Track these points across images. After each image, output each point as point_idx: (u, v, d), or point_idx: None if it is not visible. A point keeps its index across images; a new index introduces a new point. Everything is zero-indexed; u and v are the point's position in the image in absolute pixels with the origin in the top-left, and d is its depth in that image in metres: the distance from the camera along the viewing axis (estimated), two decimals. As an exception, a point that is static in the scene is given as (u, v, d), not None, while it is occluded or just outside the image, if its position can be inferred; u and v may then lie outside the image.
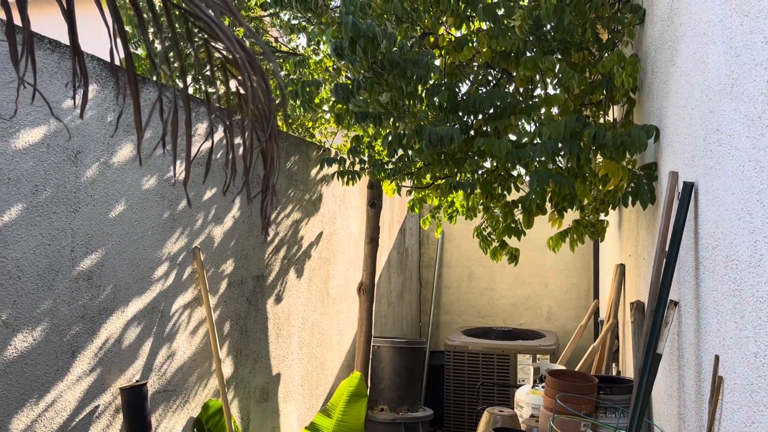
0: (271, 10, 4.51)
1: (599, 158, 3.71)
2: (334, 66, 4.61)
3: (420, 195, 5.12)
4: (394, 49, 2.93)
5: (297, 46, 5.91)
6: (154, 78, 3.24)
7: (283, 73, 5.59)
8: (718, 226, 2.05)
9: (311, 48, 5.53)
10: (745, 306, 1.74)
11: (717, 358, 2.00)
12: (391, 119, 3.20)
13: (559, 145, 3.30)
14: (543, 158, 3.50)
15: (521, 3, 3.34)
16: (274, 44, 5.81)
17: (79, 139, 2.71)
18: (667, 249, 2.52)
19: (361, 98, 2.92)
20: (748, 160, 1.73)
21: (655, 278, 2.66)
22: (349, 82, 3.21)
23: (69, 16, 1.55)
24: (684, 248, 2.54)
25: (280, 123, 5.01)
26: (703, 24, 2.28)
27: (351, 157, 4.41)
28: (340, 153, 5.72)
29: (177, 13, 1.66)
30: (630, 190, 3.32)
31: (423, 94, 3.21)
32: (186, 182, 1.74)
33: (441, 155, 3.57)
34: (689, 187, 2.40)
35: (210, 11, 1.70)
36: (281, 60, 5.60)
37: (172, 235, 3.37)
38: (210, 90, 3.40)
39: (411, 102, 3.10)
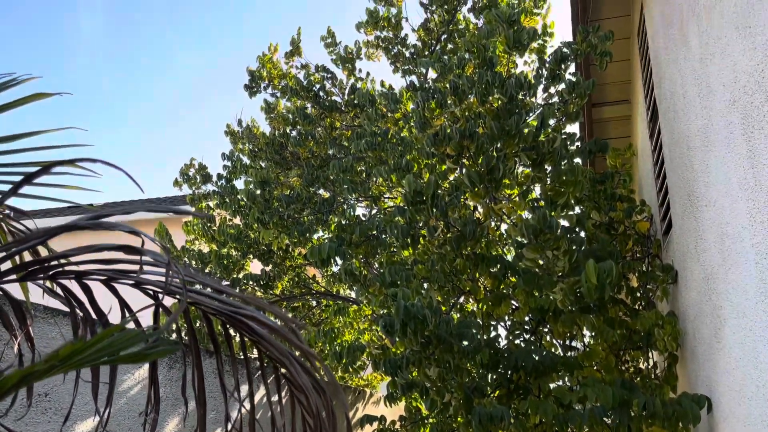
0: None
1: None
2: (374, 315, 4.74)
3: (461, 444, 4.92)
4: (441, 322, 3.03)
5: (334, 286, 6.14)
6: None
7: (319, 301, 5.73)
8: None
9: (346, 287, 5.74)
10: None
11: None
12: (436, 388, 3.20)
13: (608, 412, 3.24)
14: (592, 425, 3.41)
15: (558, 269, 3.49)
16: (311, 282, 6.05)
17: None
18: None
19: (409, 373, 2.96)
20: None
21: None
22: (393, 349, 3.27)
23: (154, 387, 1.66)
24: None
25: (317, 363, 5.02)
26: (748, 320, 2.34)
27: (388, 404, 4.34)
28: (372, 391, 5.63)
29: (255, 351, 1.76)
30: (689, 464, 3.17)
31: (468, 366, 3.25)
32: None
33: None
34: (760, 488, 2.28)
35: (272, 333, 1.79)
36: (318, 296, 5.78)
37: None
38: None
39: (459, 375, 3.13)
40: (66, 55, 21.34)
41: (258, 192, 4.94)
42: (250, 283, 5.25)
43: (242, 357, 1.74)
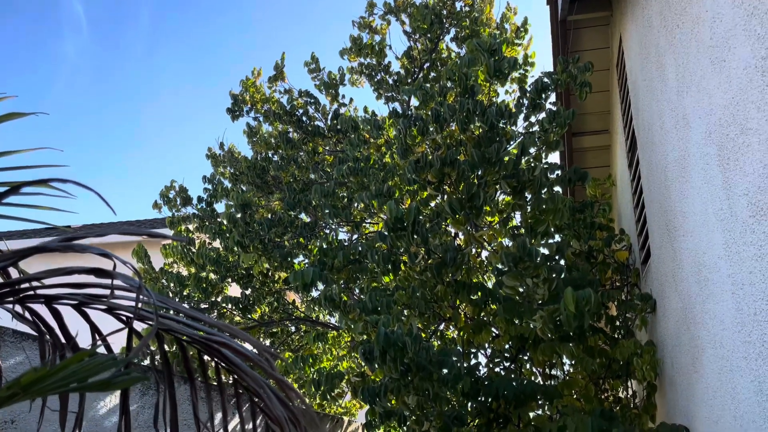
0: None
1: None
2: (353, 342, 4.69)
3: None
4: (420, 349, 3.00)
5: (314, 311, 6.08)
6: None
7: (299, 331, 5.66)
8: None
9: (325, 315, 5.69)
10: None
11: None
12: (415, 416, 3.16)
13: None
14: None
15: (538, 297, 3.49)
16: (291, 308, 5.99)
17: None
18: None
19: (387, 401, 2.92)
20: None
21: None
22: (373, 377, 3.23)
23: (125, 417, 1.62)
24: None
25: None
26: (725, 350, 2.34)
27: (367, 432, 4.28)
28: (351, 419, 5.55)
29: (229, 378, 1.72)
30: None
31: (447, 394, 3.22)
32: None
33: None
34: None
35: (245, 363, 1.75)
36: (297, 321, 5.71)
37: None
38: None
39: (438, 404, 3.09)
40: (50, 76, 21.24)
41: (239, 215, 4.91)
42: (229, 306, 5.19)
43: (217, 385, 1.70)
